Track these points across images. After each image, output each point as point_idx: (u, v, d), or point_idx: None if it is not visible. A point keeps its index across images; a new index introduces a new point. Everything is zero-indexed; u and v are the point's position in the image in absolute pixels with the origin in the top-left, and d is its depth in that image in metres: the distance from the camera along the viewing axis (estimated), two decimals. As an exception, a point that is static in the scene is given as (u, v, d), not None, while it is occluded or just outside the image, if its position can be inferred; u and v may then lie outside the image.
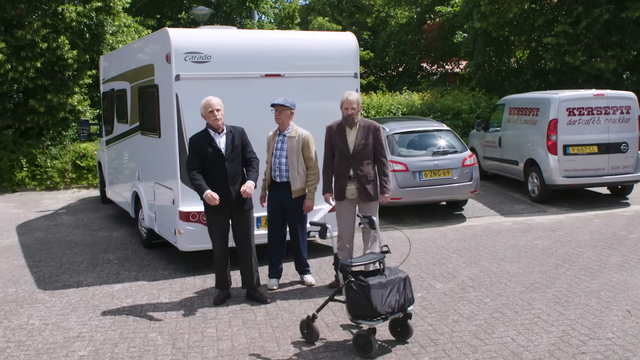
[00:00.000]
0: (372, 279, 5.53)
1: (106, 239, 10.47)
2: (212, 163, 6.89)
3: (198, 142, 6.94)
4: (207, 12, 19.19)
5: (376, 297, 5.39)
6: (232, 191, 6.92)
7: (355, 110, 7.10)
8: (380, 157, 7.20)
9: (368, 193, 7.13)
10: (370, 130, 7.14)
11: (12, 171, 15.73)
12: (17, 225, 11.87)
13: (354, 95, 7.15)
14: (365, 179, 7.11)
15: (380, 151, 7.19)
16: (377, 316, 5.41)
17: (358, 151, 7.10)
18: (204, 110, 6.92)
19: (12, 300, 7.39)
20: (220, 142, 6.94)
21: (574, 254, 8.77)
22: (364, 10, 33.50)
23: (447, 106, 18.97)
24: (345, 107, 7.09)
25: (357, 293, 5.44)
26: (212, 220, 7.05)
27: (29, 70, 14.97)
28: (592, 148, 12.18)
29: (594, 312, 6.45)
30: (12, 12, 15.12)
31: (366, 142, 7.10)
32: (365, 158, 7.12)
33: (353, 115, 7.08)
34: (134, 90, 9.86)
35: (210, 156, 6.88)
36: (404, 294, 5.63)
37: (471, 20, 21.79)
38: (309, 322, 5.88)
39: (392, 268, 5.85)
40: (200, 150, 6.89)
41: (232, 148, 6.96)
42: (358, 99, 7.14)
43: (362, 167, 7.11)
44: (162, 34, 8.33)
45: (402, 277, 5.69)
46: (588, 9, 17.97)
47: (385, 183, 7.21)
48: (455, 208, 12.25)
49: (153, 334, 6.19)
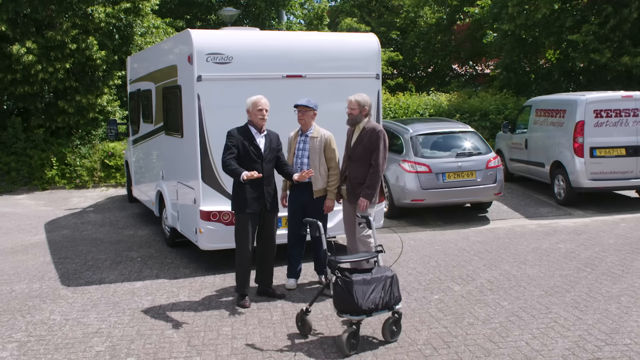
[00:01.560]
0: (357, 276, 5.73)
1: (131, 237, 10.63)
2: (251, 161, 6.95)
3: (239, 137, 6.98)
4: (235, 13, 19.35)
5: (358, 293, 5.61)
6: (265, 192, 7.03)
7: (356, 110, 7.16)
8: (370, 160, 7.16)
9: (355, 194, 7.19)
10: (368, 134, 7.17)
11: (43, 169, 16.05)
12: (46, 222, 12.12)
13: (356, 96, 7.20)
14: (356, 181, 7.20)
15: (373, 154, 7.13)
16: (359, 311, 5.62)
17: (353, 152, 7.23)
18: (252, 107, 7.00)
19: (36, 295, 7.56)
20: (260, 141, 7.06)
21: (597, 257, 8.65)
22: (393, 10, 33.37)
23: (474, 107, 18.83)
24: (347, 107, 7.22)
25: (342, 288, 5.67)
26: (244, 219, 7.01)
27: (59, 71, 15.24)
28: (620, 150, 12.00)
29: (612, 318, 6.36)
30: (43, 13, 15.40)
31: (361, 145, 7.17)
32: (359, 160, 7.19)
33: (353, 115, 7.20)
34: (158, 91, 10.00)
35: (250, 153, 6.96)
36: (389, 292, 5.78)
37: (499, 21, 21.58)
38: (302, 316, 6.07)
39: (382, 266, 6.00)
40: (240, 145, 6.94)
41: (269, 150, 7.10)
42: (359, 100, 7.18)
43: (354, 168, 7.23)
44: (184, 35, 8.44)
45: (388, 276, 5.85)
46: (617, 10, 17.68)
47: (366, 187, 7.11)
48: (479, 210, 12.17)
49: (169, 331, 6.28)
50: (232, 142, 6.95)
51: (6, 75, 15.23)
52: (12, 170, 15.90)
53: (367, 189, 7.10)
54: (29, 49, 14.69)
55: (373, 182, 7.11)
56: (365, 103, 7.21)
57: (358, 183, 7.20)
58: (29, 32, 15.18)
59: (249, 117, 7.09)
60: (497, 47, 22.99)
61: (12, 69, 15.12)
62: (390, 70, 27.09)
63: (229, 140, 6.99)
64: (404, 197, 11.12)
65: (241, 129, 7.07)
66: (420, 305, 6.88)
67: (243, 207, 6.97)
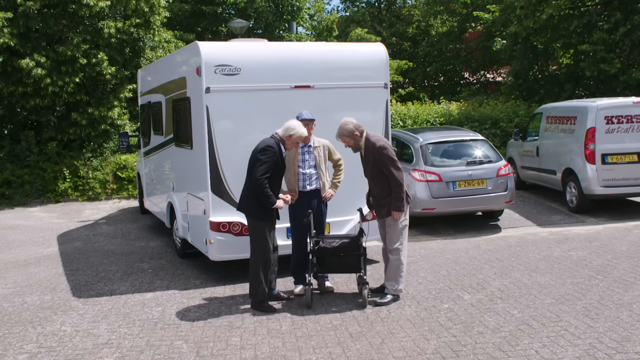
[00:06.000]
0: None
1: (142, 249, 10.68)
2: (276, 176, 7.19)
3: (276, 154, 7.12)
4: (245, 25, 19.46)
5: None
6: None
7: (350, 141, 7.31)
8: (386, 172, 7.22)
9: (381, 211, 7.38)
10: (370, 151, 7.27)
11: (56, 182, 16.18)
12: (59, 234, 12.21)
13: (339, 132, 7.29)
14: (378, 197, 7.38)
15: (386, 166, 7.18)
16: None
17: (367, 172, 7.46)
18: (297, 139, 7.20)
19: (47, 307, 7.61)
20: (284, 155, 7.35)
21: (609, 265, 8.58)
22: (404, 20, 33.43)
23: (485, 115, 18.79)
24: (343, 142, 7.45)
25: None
26: (264, 227, 7.18)
27: (69, 84, 15.39)
28: (632, 157, 11.91)
29: (624, 325, 6.30)
30: (55, 28, 15.57)
31: (370, 164, 7.33)
32: (374, 178, 7.37)
33: (351, 146, 7.38)
34: (168, 103, 10.08)
35: (278, 169, 7.18)
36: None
37: (509, 25, 21.58)
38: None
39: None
40: (275, 161, 7.10)
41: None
42: (343, 132, 7.27)
43: (373, 186, 7.44)
44: (193, 47, 8.50)
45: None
46: (627, 16, 17.59)
47: (394, 199, 7.23)
48: (491, 218, 12.11)
49: (179, 342, 6.30)
50: (273, 159, 7.10)
51: (17, 88, 15.41)
52: (26, 183, 16.05)
53: (395, 201, 7.20)
54: (38, 63, 14.85)
55: (397, 194, 7.20)
56: (349, 130, 7.25)
57: (380, 199, 7.34)
58: (40, 47, 15.35)
59: (288, 140, 7.25)
60: (508, 54, 22.93)
61: (23, 82, 15.29)
62: (401, 79, 27.07)
63: (271, 156, 7.08)
64: (415, 206, 11.08)
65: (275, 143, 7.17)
66: (430, 315, 6.85)
67: (266, 216, 7.17)
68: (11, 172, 15.98)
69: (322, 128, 7.86)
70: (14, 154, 16.41)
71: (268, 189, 6.98)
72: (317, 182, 7.67)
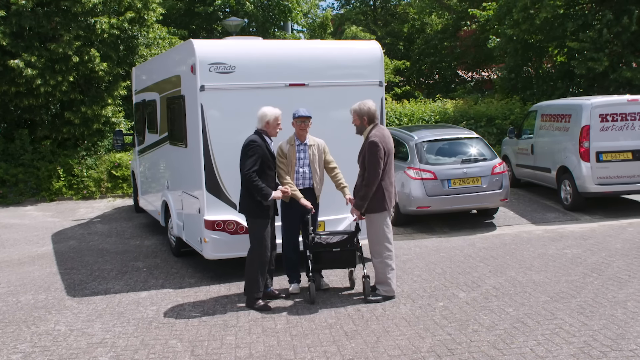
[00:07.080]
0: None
1: (137, 247, 10.65)
2: (268, 168, 7.19)
3: (262, 147, 7.13)
4: (239, 23, 19.41)
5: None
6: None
7: (356, 120, 7.37)
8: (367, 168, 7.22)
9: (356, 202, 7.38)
10: (365, 143, 7.30)
11: (50, 181, 16.12)
12: (53, 233, 12.17)
13: (354, 105, 7.39)
14: (356, 188, 7.42)
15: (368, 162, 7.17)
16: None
17: (360, 162, 7.40)
18: (274, 121, 7.22)
19: (41, 306, 7.58)
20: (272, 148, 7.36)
21: (603, 263, 8.60)
22: (399, 18, 33.40)
23: (480, 113, 18.79)
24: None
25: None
26: (263, 225, 7.20)
27: (62, 83, 15.31)
28: (627, 155, 11.93)
29: (618, 323, 6.31)
30: (48, 27, 15.48)
31: (362, 155, 7.32)
32: (360, 168, 7.36)
33: (356, 125, 7.42)
34: (163, 101, 10.04)
35: (268, 161, 7.17)
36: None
37: (504, 26, 21.56)
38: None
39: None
40: (262, 154, 7.10)
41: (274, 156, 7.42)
42: (355, 109, 7.35)
43: (358, 175, 7.42)
44: (187, 45, 8.48)
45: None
46: (618, 16, 17.60)
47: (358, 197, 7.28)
48: (485, 216, 12.12)
49: (173, 341, 6.28)
50: (259, 153, 7.11)
51: (10, 88, 15.34)
52: (20, 182, 15.98)
53: (359, 199, 7.26)
54: (29, 63, 14.75)
55: (363, 193, 7.21)
56: (361, 112, 7.30)
57: (356, 190, 7.38)
58: (33, 46, 15.25)
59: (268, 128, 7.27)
60: (502, 51, 22.92)
61: (15, 82, 15.20)
62: (398, 79, 27.06)
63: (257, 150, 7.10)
64: (410, 204, 11.09)
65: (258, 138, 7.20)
66: (425, 313, 6.85)
67: (263, 213, 7.17)
68: (5, 171, 15.91)
69: (316, 126, 7.83)
70: (8, 152, 16.33)
71: (259, 182, 6.97)
72: (311, 181, 7.64)
